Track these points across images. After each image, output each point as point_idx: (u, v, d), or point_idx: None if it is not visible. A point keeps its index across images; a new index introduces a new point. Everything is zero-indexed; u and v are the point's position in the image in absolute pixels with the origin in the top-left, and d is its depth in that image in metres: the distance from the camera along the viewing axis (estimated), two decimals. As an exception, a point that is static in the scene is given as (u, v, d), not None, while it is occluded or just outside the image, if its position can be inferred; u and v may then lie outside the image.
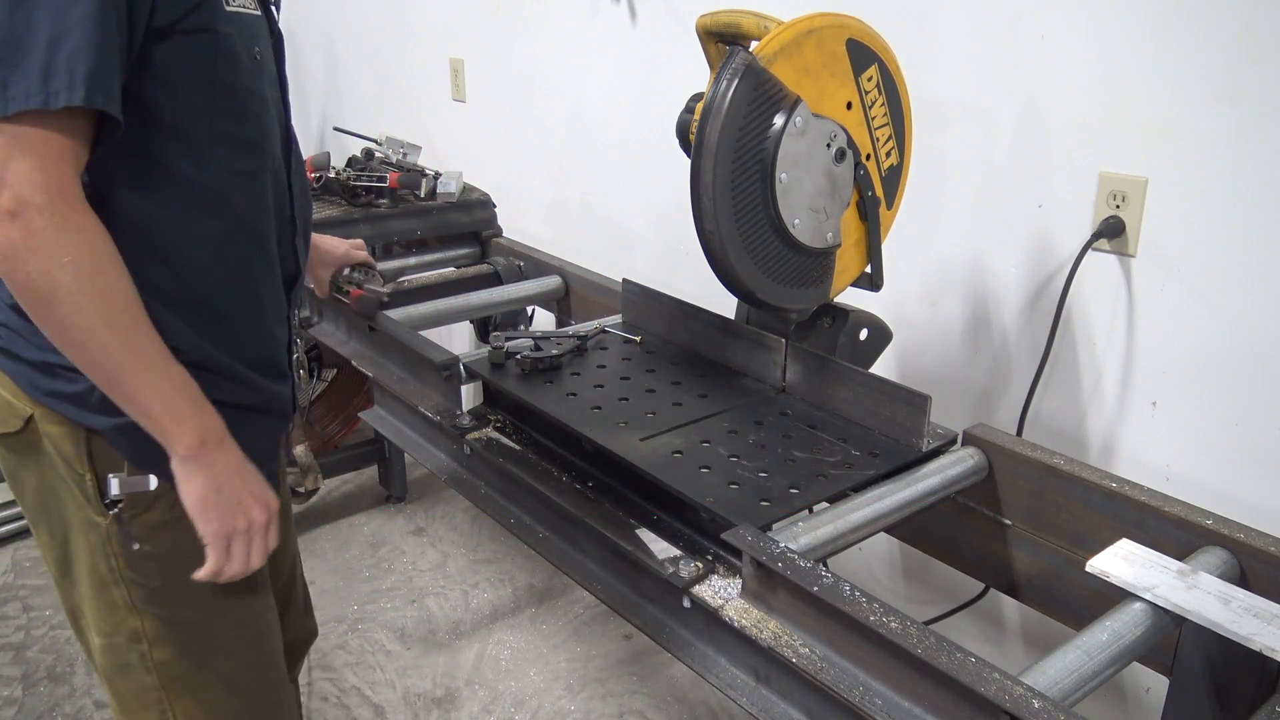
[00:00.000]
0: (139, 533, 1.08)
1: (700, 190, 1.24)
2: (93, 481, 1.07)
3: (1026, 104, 1.58)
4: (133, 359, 0.97)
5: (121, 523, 1.07)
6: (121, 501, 1.07)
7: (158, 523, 1.09)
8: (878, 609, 1.02)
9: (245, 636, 1.19)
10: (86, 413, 1.04)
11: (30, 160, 0.89)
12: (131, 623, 1.12)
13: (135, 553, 1.09)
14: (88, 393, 1.03)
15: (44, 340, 1.01)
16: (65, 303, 0.92)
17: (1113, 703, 1.67)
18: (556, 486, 1.39)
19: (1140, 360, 1.53)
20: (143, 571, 1.10)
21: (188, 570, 1.10)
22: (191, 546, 1.09)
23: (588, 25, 2.41)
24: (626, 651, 2.34)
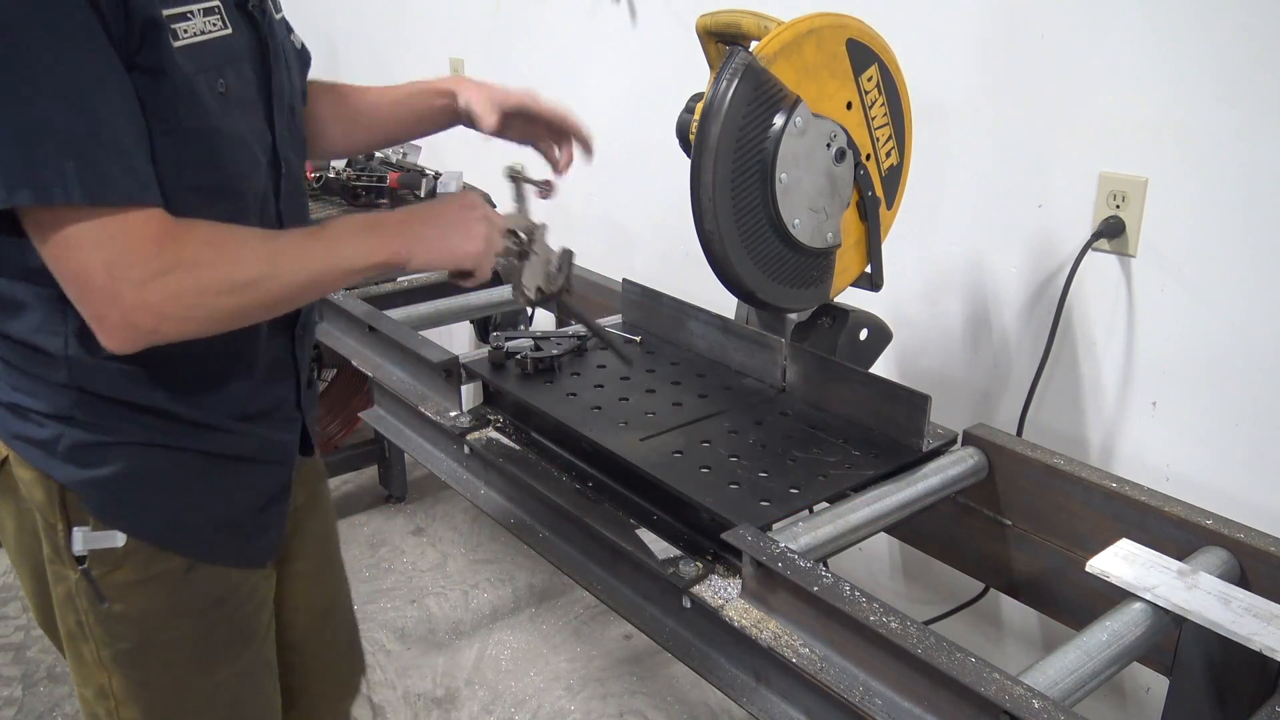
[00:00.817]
0: (109, 591, 1.01)
1: (700, 190, 1.24)
2: (64, 532, 1.00)
3: (1026, 104, 1.58)
4: (318, 274, 0.95)
5: (90, 579, 1.00)
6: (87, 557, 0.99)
7: (129, 582, 1.02)
8: (878, 609, 1.02)
9: (220, 702, 1.12)
10: (53, 461, 0.98)
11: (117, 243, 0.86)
12: (99, 679, 1.06)
13: (105, 611, 1.02)
14: (55, 439, 0.97)
15: (14, 380, 0.98)
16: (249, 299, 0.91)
17: (1113, 703, 1.67)
18: (556, 486, 1.39)
19: (1140, 360, 1.53)
20: (113, 631, 1.03)
21: (164, 631, 1.05)
22: (169, 607, 1.04)
23: (588, 25, 2.41)
24: (626, 651, 2.34)
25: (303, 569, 1.27)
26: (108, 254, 0.84)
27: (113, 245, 0.85)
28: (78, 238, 0.84)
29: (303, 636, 1.29)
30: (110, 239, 0.85)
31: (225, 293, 0.90)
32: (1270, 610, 1.08)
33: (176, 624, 1.06)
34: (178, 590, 1.05)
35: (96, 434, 0.98)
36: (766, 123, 1.24)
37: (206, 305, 0.89)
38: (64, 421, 0.97)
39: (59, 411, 0.97)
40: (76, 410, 0.97)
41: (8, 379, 0.99)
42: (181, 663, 1.08)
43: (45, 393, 0.97)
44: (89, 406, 0.97)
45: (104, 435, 0.98)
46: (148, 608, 1.04)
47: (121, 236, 0.85)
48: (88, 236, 0.84)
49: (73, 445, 0.97)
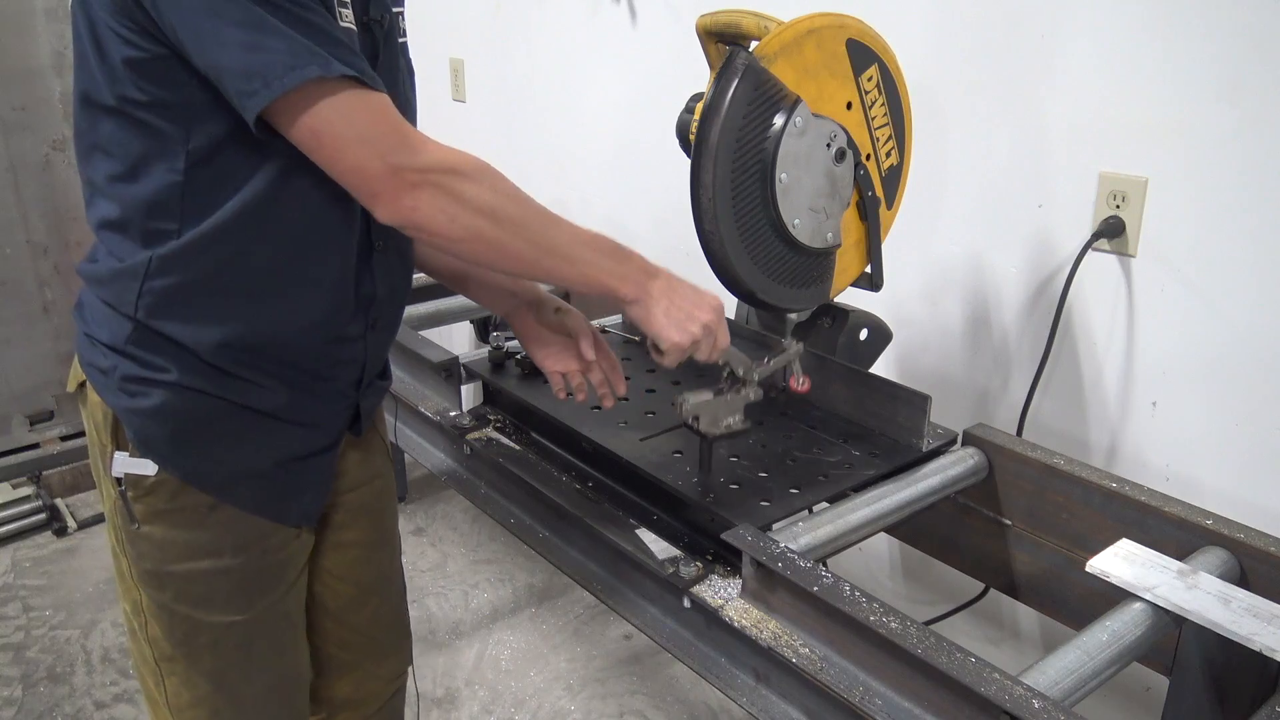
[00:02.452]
0: (140, 514, 1.09)
1: (700, 190, 1.25)
2: (110, 455, 1.09)
3: (1026, 104, 1.58)
4: (559, 249, 1.04)
5: (125, 499, 1.08)
6: (123, 479, 1.08)
7: (156, 510, 1.09)
8: (878, 609, 1.02)
9: (229, 643, 1.16)
10: (108, 390, 1.06)
11: (394, 136, 0.96)
12: (133, 594, 1.13)
13: (135, 531, 1.09)
14: (112, 370, 1.05)
15: (94, 314, 1.07)
16: (491, 235, 1.00)
17: (1113, 703, 1.67)
18: (556, 486, 1.39)
19: (1140, 360, 1.53)
20: (139, 550, 1.11)
21: (179, 562, 1.10)
22: (188, 540, 1.09)
23: (588, 25, 2.41)
24: (626, 651, 2.34)
25: (354, 540, 1.30)
26: (359, 122, 0.93)
27: (359, 112, 0.93)
28: (332, 107, 0.92)
29: (347, 607, 1.33)
30: (359, 106, 0.94)
31: (472, 215, 0.99)
32: (1270, 610, 1.08)
33: (192, 558, 1.10)
34: (199, 526, 1.10)
35: (143, 368, 1.04)
36: (766, 123, 1.24)
37: (455, 212, 0.98)
38: (119, 354, 1.05)
39: (117, 344, 1.04)
40: (130, 345, 1.04)
41: (90, 312, 1.07)
42: (191, 596, 1.12)
43: (109, 326, 1.05)
44: (141, 340, 1.03)
45: (148, 370, 1.04)
46: (169, 536, 1.10)
47: (362, 107, 0.94)
48: (342, 103, 0.92)
49: (124, 377, 1.04)
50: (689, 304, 1.14)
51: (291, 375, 1.10)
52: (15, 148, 2.82)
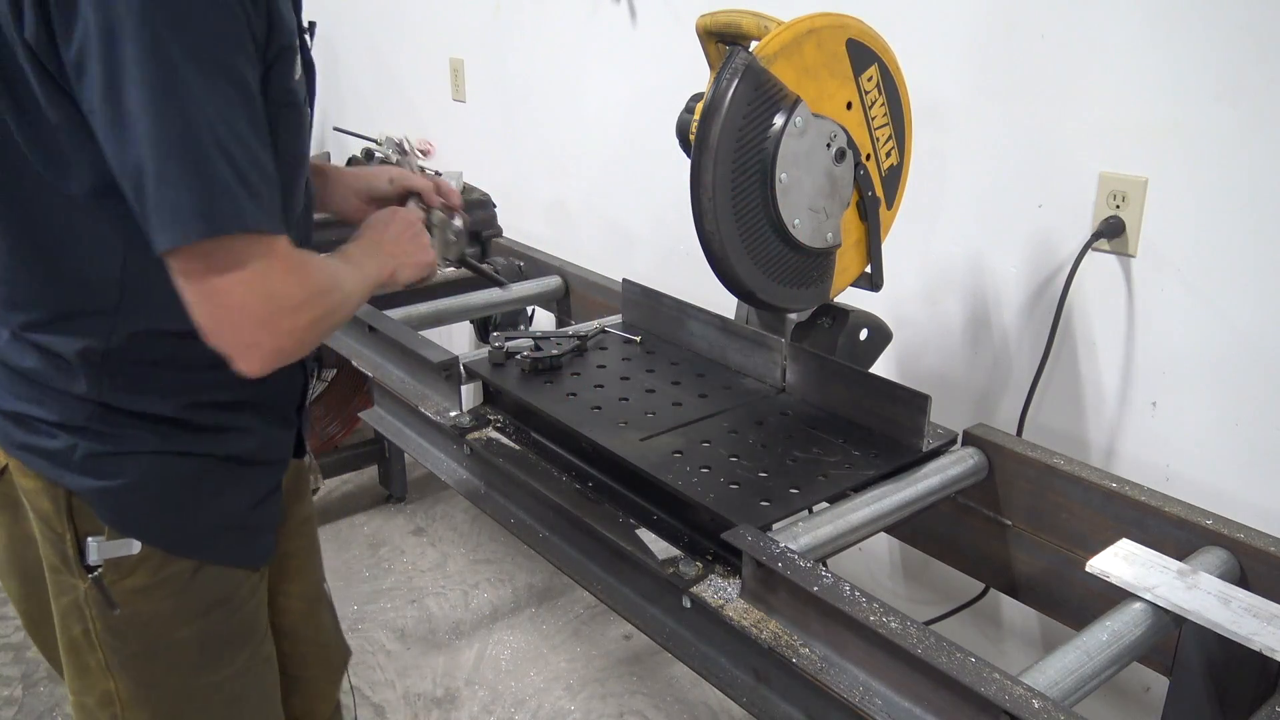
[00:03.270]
0: (119, 597, 1.02)
1: (700, 190, 1.25)
2: (73, 542, 1.00)
3: (1026, 104, 1.58)
4: (355, 294, 1.04)
5: (102, 587, 1.01)
6: (101, 566, 1.00)
7: (140, 587, 1.03)
8: (878, 609, 1.02)
9: (223, 700, 1.13)
10: (66, 472, 0.98)
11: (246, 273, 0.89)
12: (105, 685, 1.06)
13: (115, 617, 1.02)
14: (69, 450, 0.97)
15: (18, 389, 0.98)
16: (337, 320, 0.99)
17: (1113, 703, 1.67)
18: (556, 486, 1.39)
19: (1140, 360, 1.53)
20: (121, 636, 1.04)
21: (170, 634, 1.06)
22: (175, 609, 1.05)
23: (588, 25, 2.41)
24: (626, 651, 2.34)
25: (293, 550, 1.28)
26: (267, 285, 0.87)
27: (270, 275, 0.87)
28: (238, 269, 0.85)
29: (299, 623, 1.31)
30: (268, 269, 0.87)
31: (332, 314, 0.97)
32: (1270, 610, 1.08)
33: (183, 626, 1.06)
34: (184, 592, 1.05)
35: (111, 444, 0.98)
36: (766, 123, 1.24)
37: (325, 328, 0.96)
38: (77, 433, 0.97)
39: (72, 422, 0.97)
40: (92, 421, 0.97)
41: (11, 388, 0.99)
42: (187, 664, 1.08)
43: (57, 404, 0.97)
44: (106, 418, 0.97)
45: (119, 445, 0.98)
46: (156, 611, 1.05)
47: (277, 266, 0.88)
48: (250, 267, 0.86)
49: (87, 455, 0.97)
50: (407, 231, 1.19)
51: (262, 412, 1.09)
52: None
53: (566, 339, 1.68)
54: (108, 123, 0.81)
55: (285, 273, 0.89)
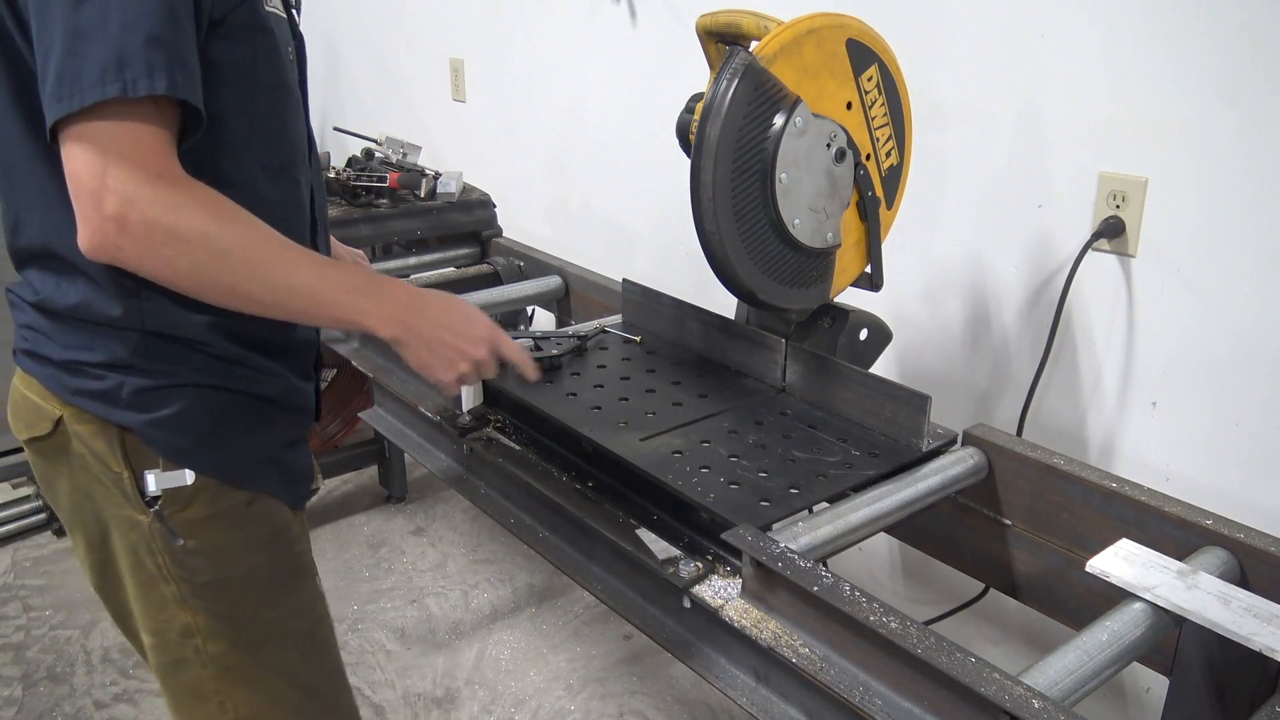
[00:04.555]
0: (182, 529, 1.07)
1: (700, 190, 1.25)
2: (130, 479, 1.05)
3: (1026, 104, 1.58)
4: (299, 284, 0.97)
5: (163, 519, 1.06)
6: (160, 498, 1.05)
7: (200, 518, 1.07)
8: (878, 609, 1.02)
9: (299, 627, 1.17)
10: (116, 409, 1.03)
11: (126, 160, 0.88)
12: (183, 618, 1.10)
13: (180, 549, 1.07)
14: (117, 388, 1.02)
15: (68, 338, 1.03)
16: (213, 273, 0.93)
17: (1113, 703, 1.67)
18: (556, 486, 1.39)
19: (1140, 360, 1.53)
20: (189, 568, 1.08)
21: (236, 564, 1.10)
22: (238, 540, 1.10)
23: (588, 25, 2.41)
24: (626, 651, 2.34)
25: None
26: (117, 164, 0.87)
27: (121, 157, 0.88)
28: (99, 133, 0.87)
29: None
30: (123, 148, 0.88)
31: (189, 252, 0.91)
32: (1270, 610, 1.08)
33: (247, 555, 1.11)
34: (242, 523, 1.10)
35: (155, 378, 1.03)
36: (766, 123, 1.24)
37: (167, 253, 0.90)
38: (123, 370, 1.02)
39: (117, 360, 1.02)
40: (136, 357, 1.02)
41: (61, 338, 1.03)
42: (257, 593, 1.13)
43: (103, 344, 1.02)
44: (146, 352, 1.02)
45: (161, 379, 1.03)
46: (219, 541, 1.09)
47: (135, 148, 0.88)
48: (108, 134, 0.87)
49: (135, 391, 1.02)
50: (457, 337, 1.09)
51: (283, 360, 1.13)
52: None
53: (566, 339, 1.68)
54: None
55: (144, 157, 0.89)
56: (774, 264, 1.33)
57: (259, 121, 1.04)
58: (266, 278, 0.96)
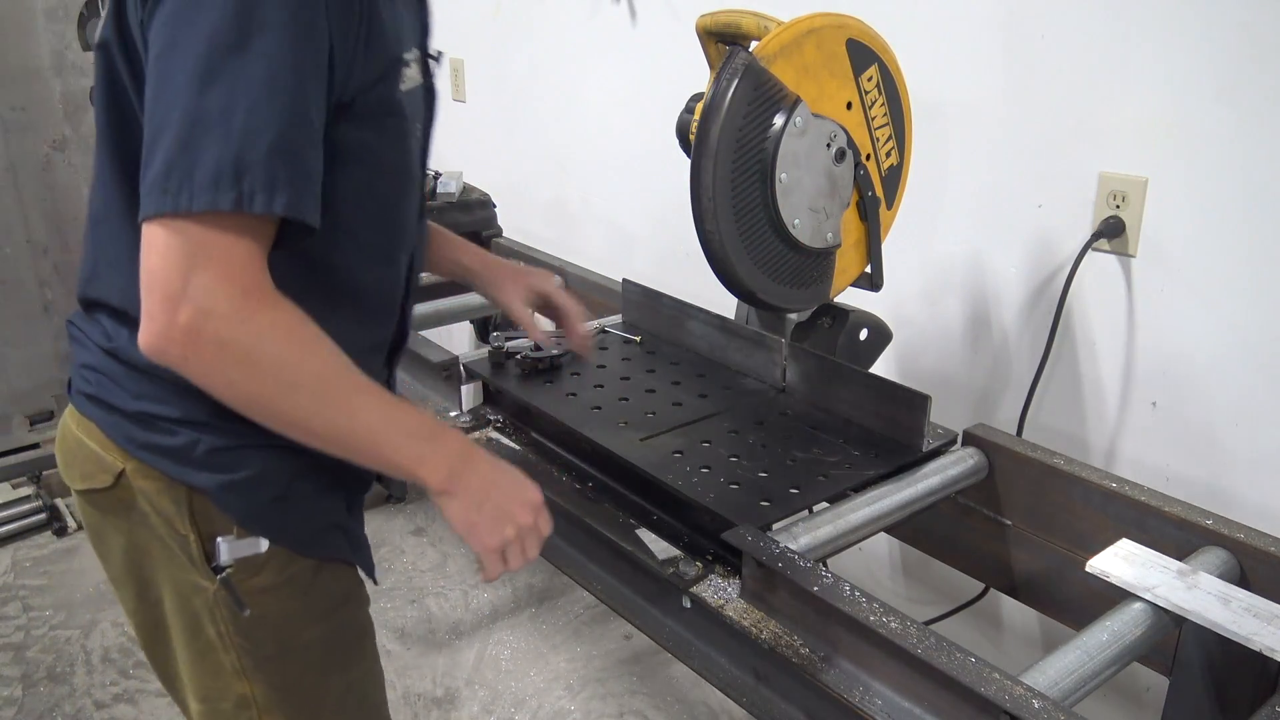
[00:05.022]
0: (248, 597, 1.00)
1: (700, 190, 1.25)
2: (197, 543, 0.98)
3: (1026, 104, 1.58)
4: (361, 426, 0.90)
5: (230, 587, 0.98)
6: (230, 566, 0.98)
7: (267, 586, 1.01)
8: (878, 609, 1.02)
9: (355, 697, 1.12)
10: (190, 469, 0.96)
11: (215, 269, 0.80)
12: (240, 688, 1.04)
13: (246, 619, 1.00)
14: (190, 446, 0.95)
15: (141, 388, 0.96)
16: (277, 403, 0.86)
17: (1113, 703, 1.67)
18: (556, 486, 1.39)
19: (1140, 360, 1.53)
20: (254, 638, 1.02)
21: (301, 634, 1.05)
22: (303, 609, 1.04)
23: (588, 25, 2.41)
24: (626, 651, 2.34)
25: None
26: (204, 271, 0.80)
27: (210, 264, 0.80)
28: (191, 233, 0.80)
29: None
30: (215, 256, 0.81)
31: (257, 378, 0.84)
32: (1270, 610, 1.08)
33: (312, 625, 1.05)
34: (309, 592, 1.04)
35: (231, 438, 0.96)
36: (766, 123, 1.25)
37: (234, 375, 0.84)
38: (199, 427, 0.95)
39: (194, 417, 0.95)
40: (213, 416, 0.94)
41: (133, 387, 0.96)
42: (318, 664, 1.07)
43: (179, 400, 0.94)
44: (223, 411, 0.89)
45: (237, 439, 0.96)
46: (284, 611, 1.03)
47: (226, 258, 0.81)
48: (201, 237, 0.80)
49: (210, 450, 0.95)
50: (505, 500, 0.99)
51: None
52: (15, 148, 2.82)
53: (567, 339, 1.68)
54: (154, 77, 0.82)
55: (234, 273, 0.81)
56: (774, 264, 1.33)
57: (371, 207, 0.97)
58: (331, 417, 0.89)
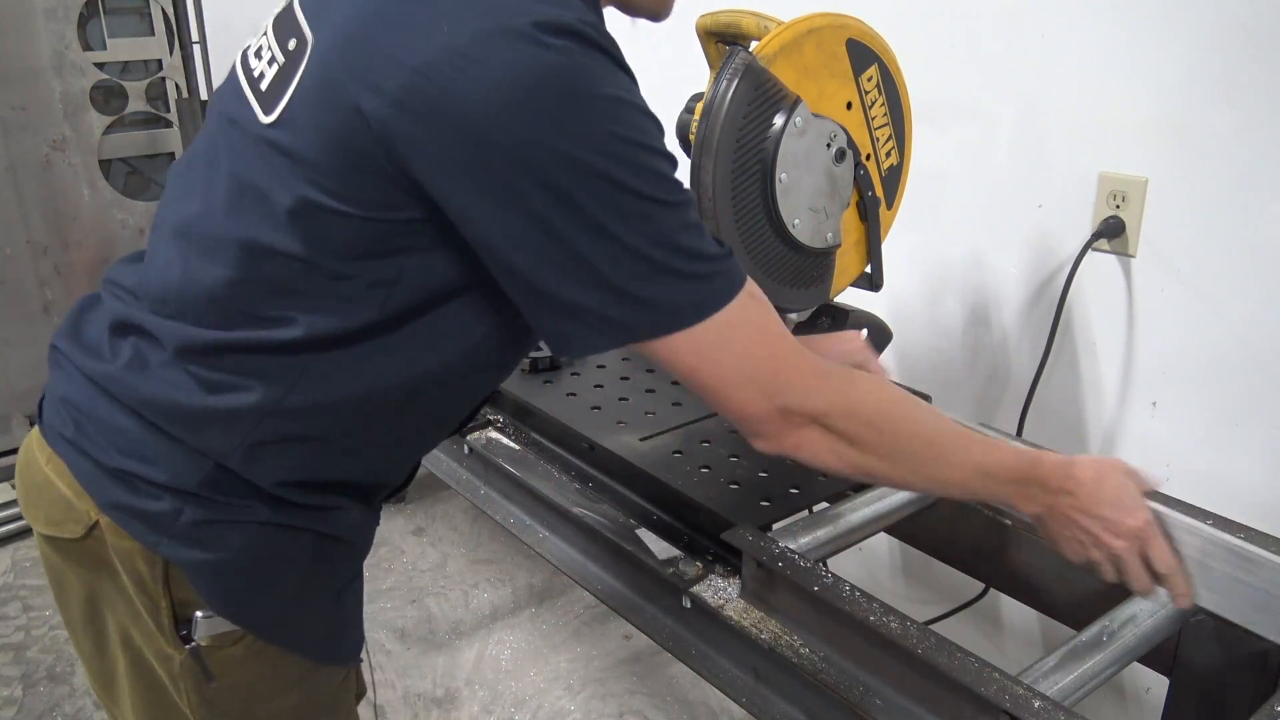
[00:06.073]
0: (218, 669, 0.94)
1: (700, 190, 1.25)
2: (168, 610, 0.91)
3: (1026, 104, 1.58)
4: (955, 485, 0.97)
5: (199, 658, 0.92)
6: (204, 642, 0.92)
7: (240, 657, 0.94)
8: (878, 609, 1.02)
9: None
10: (165, 539, 0.87)
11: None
12: None
13: (211, 688, 0.94)
14: (173, 514, 0.86)
15: (124, 442, 0.87)
16: (897, 473, 0.94)
17: (1113, 703, 1.67)
18: (556, 486, 1.39)
19: (1140, 360, 1.53)
20: (218, 707, 0.96)
21: (269, 703, 0.98)
22: (274, 677, 0.97)
23: (588, 25, 2.41)
24: (626, 651, 2.34)
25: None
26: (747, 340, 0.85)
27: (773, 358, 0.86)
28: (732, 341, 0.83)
29: None
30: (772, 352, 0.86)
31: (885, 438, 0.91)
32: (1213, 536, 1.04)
33: (283, 694, 0.99)
34: (280, 660, 0.97)
35: (219, 512, 0.88)
36: (766, 123, 1.24)
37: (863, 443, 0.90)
38: (186, 497, 0.87)
39: (182, 485, 0.87)
40: (203, 487, 0.87)
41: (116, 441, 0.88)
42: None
43: (169, 462, 0.87)
44: (217, 483, 0.87)
45: (227, 513, 0.89)
46: (252, 681, 0.97)
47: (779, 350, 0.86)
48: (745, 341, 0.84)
49: (193, 522, 0.87)
50: (1097, 525, 0.99)
51: (356, 493, 0.98)
52: (15, 148, 2.82)
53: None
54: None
55: (758, 344, 0.85)
56: (774, 264, 1.33)
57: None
58: (925, 471, 0.95)
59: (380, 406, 0.89)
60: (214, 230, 0.85)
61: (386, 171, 0.77)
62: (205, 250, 0.86)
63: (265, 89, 0.84)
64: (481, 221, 0.77)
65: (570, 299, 0.79)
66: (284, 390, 0.85)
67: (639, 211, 0.78)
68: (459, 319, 0.87)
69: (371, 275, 0.81)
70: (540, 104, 0.74)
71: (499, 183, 0.75)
